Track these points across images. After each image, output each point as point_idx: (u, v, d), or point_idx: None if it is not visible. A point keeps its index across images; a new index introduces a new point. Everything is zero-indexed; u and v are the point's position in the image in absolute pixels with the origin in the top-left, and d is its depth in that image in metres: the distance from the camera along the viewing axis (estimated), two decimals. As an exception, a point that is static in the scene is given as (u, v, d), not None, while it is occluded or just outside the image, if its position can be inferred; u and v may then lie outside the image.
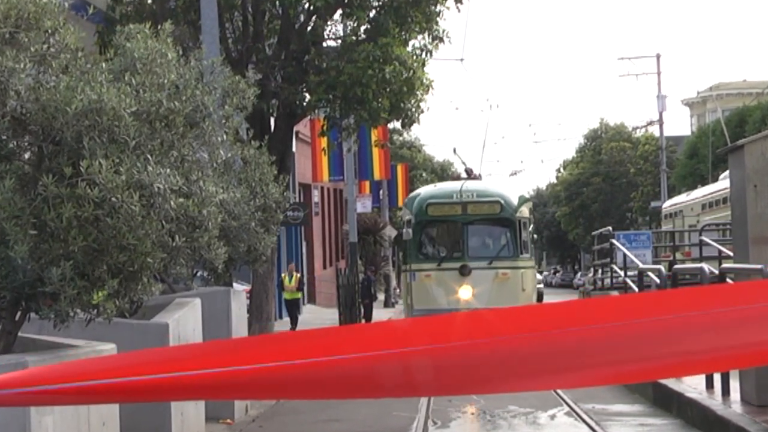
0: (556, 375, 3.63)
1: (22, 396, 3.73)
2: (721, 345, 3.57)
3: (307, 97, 21.38)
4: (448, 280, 26.76)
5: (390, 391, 3.83)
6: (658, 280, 16.56)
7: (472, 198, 27.83)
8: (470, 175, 30.96)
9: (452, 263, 26.98)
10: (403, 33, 21.19)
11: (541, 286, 61.43)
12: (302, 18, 21.55)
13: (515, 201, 28.44)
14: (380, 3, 21.13)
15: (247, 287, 23.43)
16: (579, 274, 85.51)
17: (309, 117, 31.13)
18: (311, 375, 3.62)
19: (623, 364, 3.59)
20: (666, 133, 64.26)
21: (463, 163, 32.37)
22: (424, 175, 75.05)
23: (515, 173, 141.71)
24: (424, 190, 30.55)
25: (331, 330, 3.97)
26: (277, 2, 21.26)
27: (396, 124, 33.00)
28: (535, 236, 32.99)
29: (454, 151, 32.22)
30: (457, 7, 21.77)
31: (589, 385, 3.75)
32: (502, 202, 27.82)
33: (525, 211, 28.70)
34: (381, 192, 55.35)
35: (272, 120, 21.95)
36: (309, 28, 21.45)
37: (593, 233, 32.49)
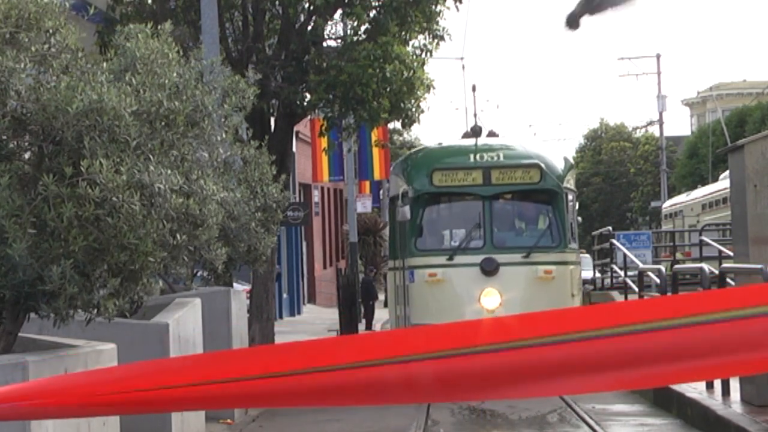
0: (560, 381, 3.63)
1: (22, 410, 3.73)
2: (725, 352, 3.58)
3: (307, 96, 21.39)
4: (465, 282, 18.41)
5: (392, 398, 3.83)
6: (658, 280, 16.58)
7: (497, 160, 19.24)
8: (477, 134, 21.16)
9: (470, 256, 18.52)
10: (403, 33, 21.20)
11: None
12: (302, 18, 21.55)
13: (560, 165, 19.80)
14: (380, 3, 21.13)
15: (247, 287, 23.43)
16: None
17: (309, 117, 31.11)
18: (314, 387, 3.63)
19: (627, 371, 3.59)
20: (666, 133, 64.30)
21: (475, 114, 22.37)
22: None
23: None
24: (424, 151, 21.47)
25: (332, 340, 3.99)
26: (277, 2, 21.26)
27: (396, 124, 32.93)
28: (580, 219, 22.01)
29: (473, 88, 22.96)
30: (456, 7, 21.79)
31: (593, 391, 3.76)
32: (542, 166, 19.11)
33: (571, 182, 20.33)
34: (381, 192, 55.31)
35: (272, 120, 21.95)
36: (309, 28, 21.45)
37: (593, 233, 32.39)
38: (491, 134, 21.89)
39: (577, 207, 20.96)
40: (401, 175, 20.27)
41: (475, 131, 21.25)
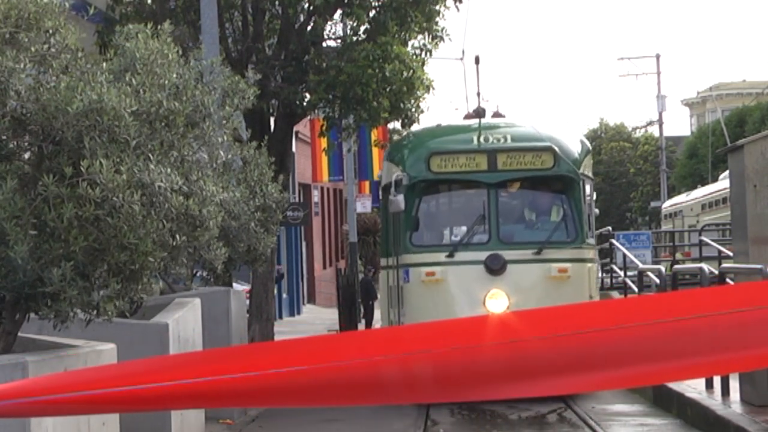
0: (558, 380, 3.62)
1: (22, 406, 3.73)
2: (723, 348, 3.57)
3: (307, 96, 21.39)
4: (468, 283, 16.10)
5: (391, 398, 3.82)
6: (657, 281, 16.58)
7: (504, 143, 16.75)
8: (481, 116, 18.10)
9: (474, 253, 16.19)
10: (403, 33, 21.20)
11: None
12: (302, 18, 21.56)
13: (576, 149, 17.24)
14: (380, 3, 21.14)
15: (247, 287, 23.44)
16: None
17: (309, 117, 31.12)
18: (312, 382, 3.62)
19: (627, 368, 3.58)
20: (666, 133, 64.31)
21: (478, 94, 19.18)
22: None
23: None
24: (421, 133, 18.92)
25: (331, 336, 3.98)
26: (277, 2, 21.27)
27: (396, 124, 32.91)
28: (597, 211, 19.48)
29: (476, 60, 18.32)
30: (456, 7, 21.79)
31: (595, 389, 3.75)
32: (556, 149, 16.62)
33: (589, 168, 17.84)
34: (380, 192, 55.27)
35: (272, 120, 21.96)
36: (309, 28, 21.46)
37: (593, 233, 32.41)
38: (497, 115, 19.16)
39: (594, 197, 18.54)
40: (395, 161, 17.53)
41: (478, 112, 18.29)
